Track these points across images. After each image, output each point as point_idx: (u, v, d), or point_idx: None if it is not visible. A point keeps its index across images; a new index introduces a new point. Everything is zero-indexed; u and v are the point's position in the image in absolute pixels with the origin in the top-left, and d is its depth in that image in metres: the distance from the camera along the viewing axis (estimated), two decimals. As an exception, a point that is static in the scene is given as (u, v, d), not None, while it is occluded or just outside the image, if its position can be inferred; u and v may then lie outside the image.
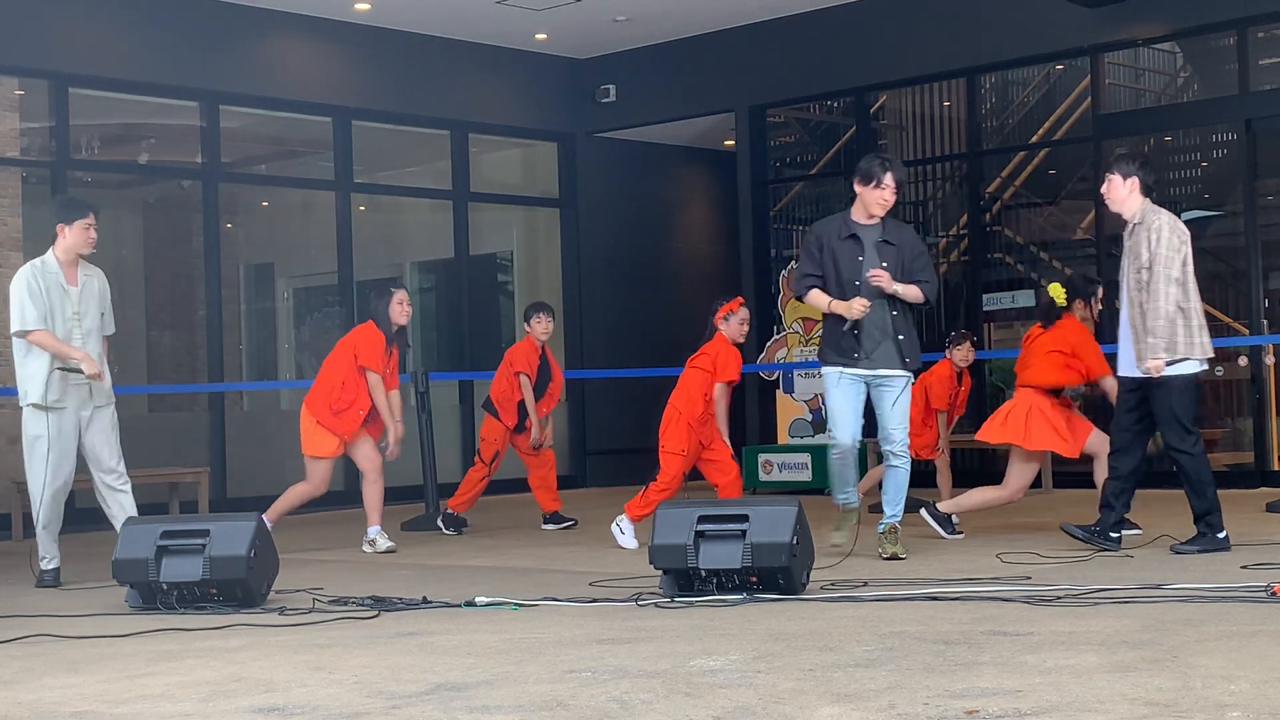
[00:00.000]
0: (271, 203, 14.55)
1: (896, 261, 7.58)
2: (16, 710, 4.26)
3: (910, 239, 7.75)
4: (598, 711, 3.89)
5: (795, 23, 13.70)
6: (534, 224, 15.54)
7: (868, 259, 7.55)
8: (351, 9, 13.01)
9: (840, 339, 7.59)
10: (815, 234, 7.76)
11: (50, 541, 7.84)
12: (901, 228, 7.82)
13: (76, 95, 11.98)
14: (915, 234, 7.93)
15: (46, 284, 7.73)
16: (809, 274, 7.67)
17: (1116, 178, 7.49)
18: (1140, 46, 12.75)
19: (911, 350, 7.65)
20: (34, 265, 7.82)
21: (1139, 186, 7.46)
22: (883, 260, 7.54)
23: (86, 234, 7.85)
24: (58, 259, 7.82)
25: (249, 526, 6.44)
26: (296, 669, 4.77)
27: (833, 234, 7.65)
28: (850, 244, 7.59)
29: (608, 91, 14.88)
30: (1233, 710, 3.59)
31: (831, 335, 7.66)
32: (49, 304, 7.71)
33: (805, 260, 7.74)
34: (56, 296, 7.75)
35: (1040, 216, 13.46)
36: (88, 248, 7.88)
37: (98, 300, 7.94)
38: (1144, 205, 7.45)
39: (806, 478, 12.76)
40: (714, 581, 6.10)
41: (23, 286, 7.72)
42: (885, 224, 7.65)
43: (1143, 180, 7.47)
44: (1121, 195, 7.49)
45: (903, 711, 3.73)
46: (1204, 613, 5.25)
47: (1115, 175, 7.50)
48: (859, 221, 7.65)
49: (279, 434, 13.84)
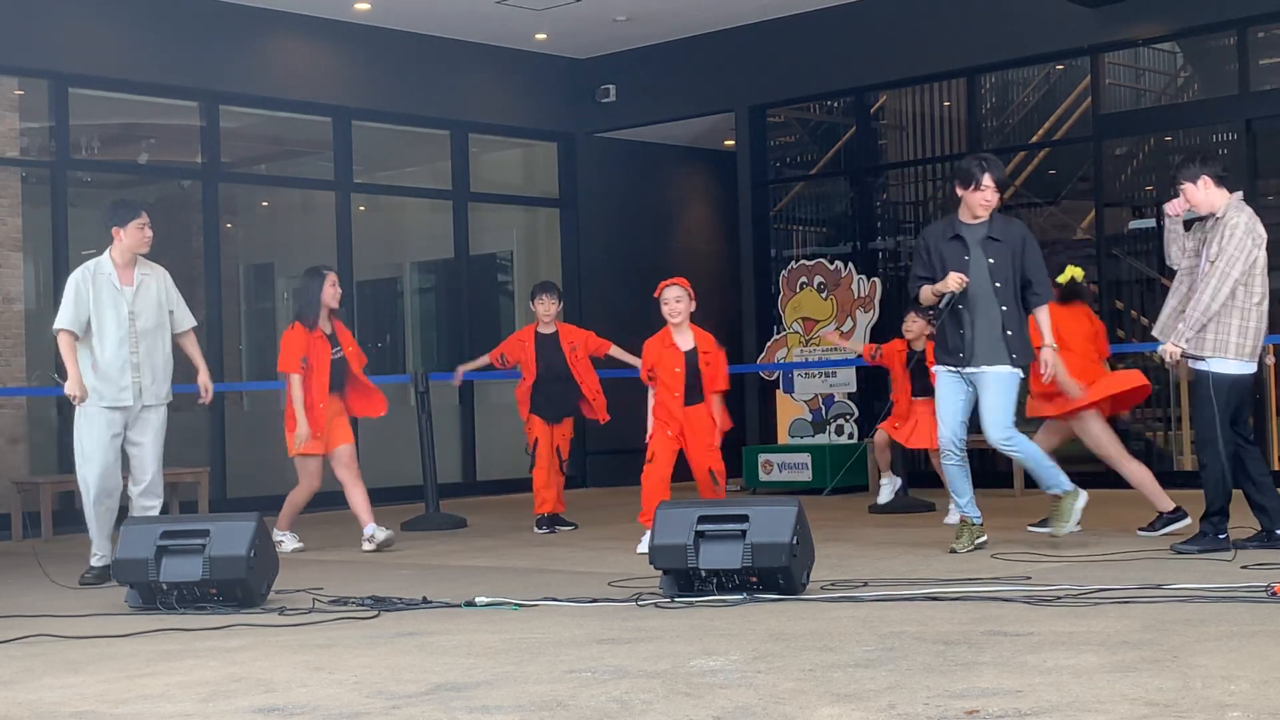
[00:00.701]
0: (271, 203, 14.55)
1: (1004, 257, 7.58)
2: (16, 710, 4.26)
3: (1018, 234, 7.70)
4: (598, 711, 3.89)
5: (795, 23, 13.70)
6: (534, 224, 15.54)
7: (973, 257, 7.59)
8: (351, 9, 13.01)
9: (947, 337, 7.66)
10: (924, 238, 7.87)
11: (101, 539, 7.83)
12: (1009, 223, 7.79)
13: (76, 95, 11.98)
14: (1025, 228, 7.85)
15: (97, 286, 7.78)
16: (921, 276, 7.75)
17: (1188, 185, 7.38)
18: (1140, 46, 12.74)
19: (1019, 347, 7.60)
20: (86, 267, 7.89)
21: (1212, 181, 7.35)
22: (989, 257, 7.57)
23: (142, 233, 7.91)
24: (113, 260, 7.88)
25: (249, 526, 6.44)
26: (296, 669, 4.77)
27: (939, 236, 7.74)
28: (955, 244, 7.66)
29: (608, 91, 14.88)
30: (1233, 710, 3.59)
31: (940, 333, 7.71)
32: (98, 305, 7.75)
33: (916, 264, 7.83)
34: (109, 296, 7.79)
35: (1040, 216, 13.45)
36: (145, 247, 7.93)
37: (156, 298, 7.95)
38: (1229, 201, 7.34)
39: (806, 478, 12.76)
40: (714, 581, 6.10)
41: (71, 286, 7.81)
42: (992, 221, 7.66)
43: (1213, 173, 7.36)
44: (1200, 198, 7.38)
45: (903, 711, 3.73)
46: (1204, 613, 5.25)
47: (1185, 184, 7.39)
48: (964, 222, 7.71)
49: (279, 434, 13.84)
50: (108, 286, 7.79)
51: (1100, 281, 12.44)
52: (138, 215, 7.91)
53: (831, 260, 13.71)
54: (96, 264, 7.86)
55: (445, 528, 10.58)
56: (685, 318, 8.56)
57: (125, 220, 7.87)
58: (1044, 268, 7.72)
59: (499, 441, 14.08)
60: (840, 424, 13.43)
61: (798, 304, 13.64)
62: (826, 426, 13.35)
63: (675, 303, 8.54)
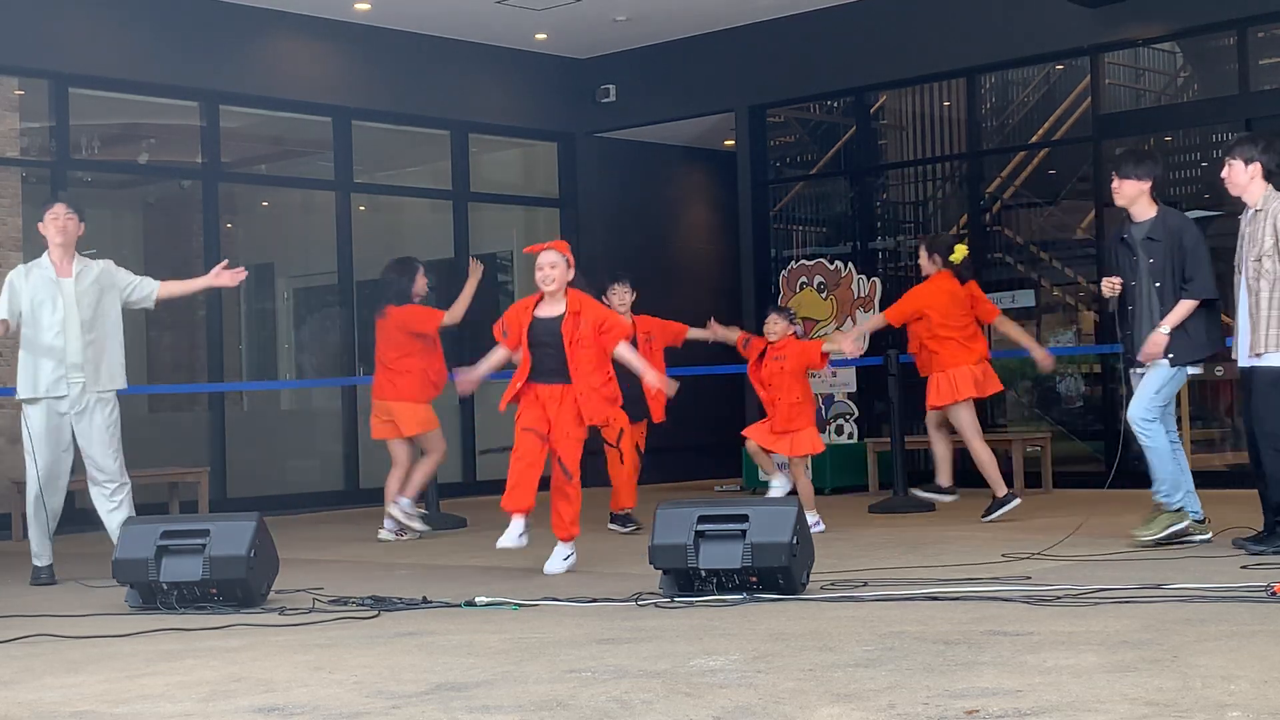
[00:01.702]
0: (271, 203, 14.55)
1: (1163, 256, 7.61)
2: (16, 710, 4.26)
3: (1175, 230, 7.64)
4: (598, 711, 3.89)
5: (795, 23, 13.70)
6: (534, 224, 15.54)
7: (1139, 257, 7.69)
8: (351, 9, 13.01)
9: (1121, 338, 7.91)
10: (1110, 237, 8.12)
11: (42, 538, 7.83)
12: (1169, 219, 7.71)
13: (76, 95, 11.98)
14: (1187, 224, 7.77)
15: (33, 279, 7.87)
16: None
17: (1238, 163, 7.33)
18: (1140, 46, 12.74)
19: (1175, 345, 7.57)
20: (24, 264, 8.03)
21: (1261, 171, 7.32)
22: (1149, 257, 7.64)
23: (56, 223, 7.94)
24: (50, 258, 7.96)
25: (249, 526, 6.44)
26: (296, 669, 4.77)
27: (1114, 237, 7.95)
28: (1123, 246, 7.81)
29: (608, 91, 14.87)
30: (1233, 710, 3.59)
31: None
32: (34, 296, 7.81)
33: (1113, 270, 7.95)
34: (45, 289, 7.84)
35: (1040, 216, 13.46)
36: (62, 235, 7.93)
37: (98, 285, 7.95)
38: (1267, 191, 7.31)
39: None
40: (714, 581, 6.10)
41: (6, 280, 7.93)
42: (1154, 219, 7.66)
43: (1265, 165, 7.32)
44: (1243, 181, 7.33)
45: (903, 711, 3.73)
46: (1204, 613, 5.25)
47: (1237, 160, 7.33)
48: (1132, 221, 7.80)
49: (279, 434, 13.87)
50: (43, 280, 7.86)
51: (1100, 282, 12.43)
52: (51, 207, 8.02)
53: (831, 260, 13.71)
54: (36, 261, 7.99)
55: (445, 528, 10.58)
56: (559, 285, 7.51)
57: (43, 215, 8.01)
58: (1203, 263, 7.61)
59: (499, 441, 14.07)
60: (840, 424, 13.43)
61: (798, 304, 13.63)
62: (826, 426, 13.34)
63: (549, 269, 7.52)
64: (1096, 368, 12.67)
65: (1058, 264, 13.10)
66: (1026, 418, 13.19)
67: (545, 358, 7.43)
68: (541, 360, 7.43)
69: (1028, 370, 13.07)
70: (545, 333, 7.45)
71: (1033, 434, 12.34)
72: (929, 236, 11.20)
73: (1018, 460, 11.76)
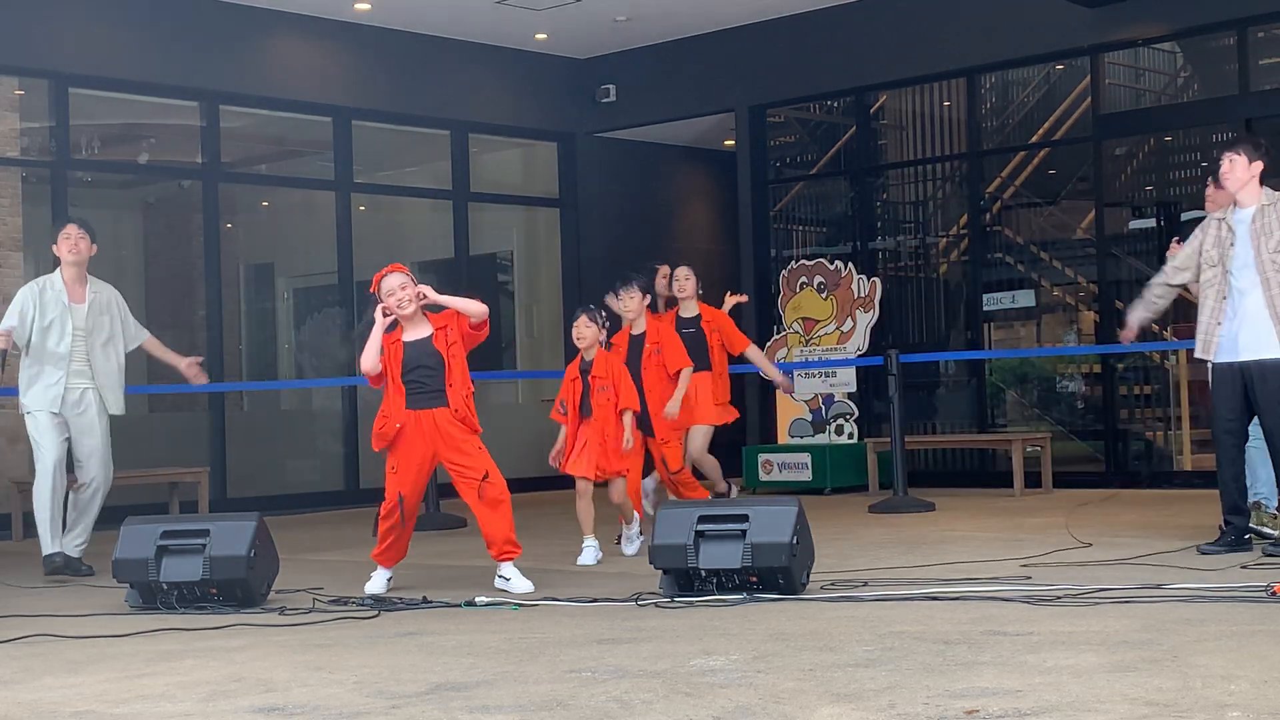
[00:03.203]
0: (271, 203, 14.55)
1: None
2: (16, 710, 4.26)
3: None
4: (598, 711, 3.89)
5: (795, 23, 13.70)
6: (534, 224, 15.54)
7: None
8: (351, 9, 13.01)
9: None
10: None
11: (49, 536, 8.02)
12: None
13: (76, 95, 11.98)
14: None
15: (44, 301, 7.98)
16: None
17: (1241, 159, 7.22)
18: (1140, 46, 12.75)
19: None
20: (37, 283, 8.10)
21: (1261, 172, 7.24)
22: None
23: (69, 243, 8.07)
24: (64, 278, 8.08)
25: (249, 526, 6.45)
26: (296, 669, 4.77)
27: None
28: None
29: (608, 91, 14.87)
30: (1233, 710, 3.59)
31: None
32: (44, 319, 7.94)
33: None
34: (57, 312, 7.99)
35: (1040, 216, 13.46)
36: (73, 255, 8.08)
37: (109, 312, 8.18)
38: (1264, 189, 7.24)
39: (806, 477, 12.76)
40: (714, 581, 6.10)
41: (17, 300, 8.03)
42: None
43: (1267, 166, 7.26)
44: (1243, 177, 7.23)
45: (903, 711, 3.73)
46: (1204, 613, 5.25)
47: (1240, 156, 7.22)
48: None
49: (279, 434, 13.86)
50: (55, 302, 7.98)
51: (1100, 282, 12.45)
52: (64, 227, 8.14)
53: (831, 260, 13.71)
54: (48, 280, 8.08)
55: (445, 528, 10.58)
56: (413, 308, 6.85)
57: (55, 236, 8.12)
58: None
59: (499, 441, 14.05)
60: (840, 424, 13.42)
61: (798, 304, 13.63)
62: (826, 426, 13.34)
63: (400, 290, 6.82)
64: (1096, 368, 12.67)
65: (1058, 264, 13.10)
66: (1026, 418, 13.19)
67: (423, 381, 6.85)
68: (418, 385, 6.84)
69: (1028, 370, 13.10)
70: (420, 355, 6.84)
71: (1033, 434, 12.33)
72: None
73: (1018, 460, 11.75)
